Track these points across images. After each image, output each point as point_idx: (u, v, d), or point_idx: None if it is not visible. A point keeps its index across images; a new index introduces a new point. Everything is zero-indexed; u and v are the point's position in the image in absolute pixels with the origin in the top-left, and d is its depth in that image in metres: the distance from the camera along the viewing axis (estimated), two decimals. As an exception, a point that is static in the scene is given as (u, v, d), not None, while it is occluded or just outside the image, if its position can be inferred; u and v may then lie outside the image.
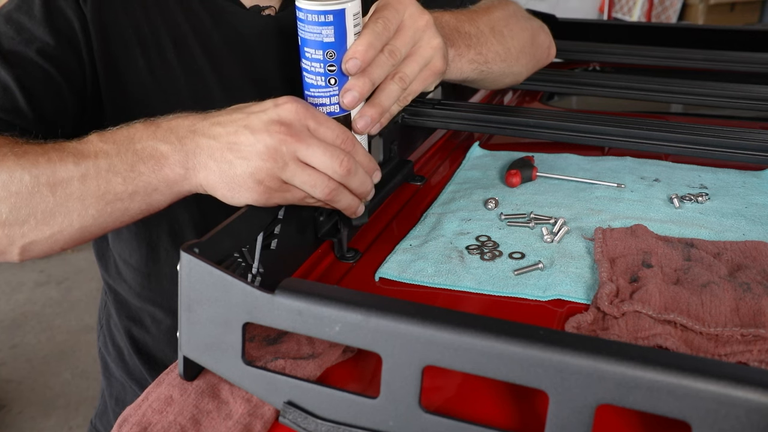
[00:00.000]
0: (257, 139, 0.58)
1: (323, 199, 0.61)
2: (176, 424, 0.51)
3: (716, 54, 1.29)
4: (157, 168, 0.61)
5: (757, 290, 0.62)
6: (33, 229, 0.62)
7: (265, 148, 0.58)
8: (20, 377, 2.44)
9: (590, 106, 1.43)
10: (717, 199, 0.84)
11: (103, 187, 0.61)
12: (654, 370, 0.39)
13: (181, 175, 0.61)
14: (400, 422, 0.46)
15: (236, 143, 0.59)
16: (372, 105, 0.64)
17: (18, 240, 0.62)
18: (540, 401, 0.52)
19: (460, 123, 0.98)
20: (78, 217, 0.62)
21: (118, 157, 0.61)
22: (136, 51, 0.79)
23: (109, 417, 1.01)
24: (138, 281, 0.90)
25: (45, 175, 0.61)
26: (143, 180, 0.61)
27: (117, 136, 0.63)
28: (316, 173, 0.60)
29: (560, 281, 0.67)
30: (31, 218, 0.61)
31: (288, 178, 0.59)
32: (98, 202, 0.61)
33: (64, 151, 0.62)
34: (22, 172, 0.61)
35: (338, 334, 0.47)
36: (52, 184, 0.61)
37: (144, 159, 0.61)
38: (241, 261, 0.61)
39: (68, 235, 0.63)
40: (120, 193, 0.61)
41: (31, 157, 0.61)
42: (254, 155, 0.58)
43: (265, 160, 0.58)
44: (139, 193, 0.62)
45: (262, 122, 0.59)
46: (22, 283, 3.05)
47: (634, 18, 4.40)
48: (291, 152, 0.58)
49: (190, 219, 0.86)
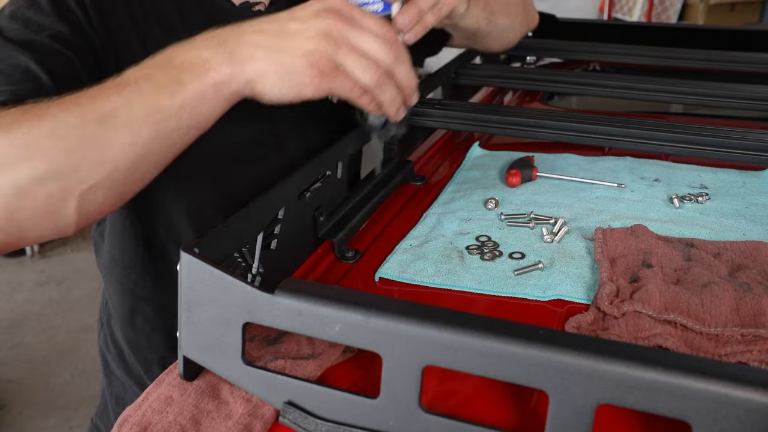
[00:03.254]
0: (309, 25, 0.59)
1: (371, 86, 0.62)
2: (176, 424, 0.51)
3: (716, 54, 1.29)
4: (201, 73, 0.60)
5: (757, 290, 0.62)
6: (90, 172, 0.59)
7: (317, 30, 0.59)
8: (20, 377, 2.44)
9: (590, 106, 1.43)
10: (717, 199, 0.84)
11: (149, 106, 0.59)
12: (654, 370, 0.39)
13: (227, 74, 0.60)
14: (400, 422, 0.46)
15: (286, 30, 0.60)
16: (411, 5, 0.68)
17: (75, 188, 0.59)
18: (540, 401, 0.52)
19: (460, 123, 0.98)
20: (131, 145, 0.59)
21: (161, 75, 0.60)
22: (134, 42, 0.79)
23: (109, 415, 1.01)
24: (132, 278, 0.90)
25: (90, 111, 0.59)
26: (189, 89, 0.59)
27: (154, 60, 0.62)
28: (366, 57, 0.60)
29: (560, 281, 0.67)
30: (85, 160, 0.58)
31: (341, 60, 0.60)
32: (147, 124, 0.59)
33: (103, 87, 0.60)
34: (67, 115, 0.58)
35: (338, 334, 0.47)
36: (98, 119, 0.58)
37: (187, 69, 0.60)
38: (241, 261, 0.61)
39: (124, 172, 0.60)
40: (167, 108, 0.59)
41: (72, 100, 0.59)
42: (307, 39, 0.59)
43: (318, 41, 0.59)
44: (187, 104, 0.60)
45: (310, 12, 0.60)
46: (22, 283, 3.05)
47: (634, 18, 4.40)
48: (342, 36, 0.60)
49: (185, 212, 0.86)
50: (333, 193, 0.79)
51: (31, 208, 0.58)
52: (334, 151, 0.77)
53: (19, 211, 0.58)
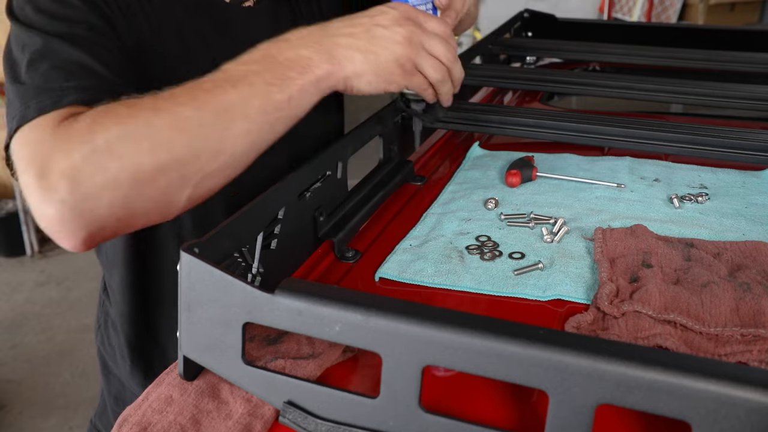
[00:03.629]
0: (394, 32, 0.71)
1: (439, 81, 0.74)
2: (176, 423, 0.51)
3: (716, 54, 1.29)
4: (305, 71, 0.67)
5: (757, 290, 0.62)
6: (208, 161, 0.64)
7: (402, 37, 0.71)
8: (20, 377, 2.44)
9: (590, 106, 1.43)
10: (717, 199, 0.84)
11: (262, 100, 0.65)
12: (654, 370, 0.39)
13: (328, 71, 0.68)
14: (400, 422, 0.46)
15: (376, 37, 0.70)
16: (451, 10, 0.82)
17: (193, 177, 0.63)
18: (540, 401, 0.52)
19: (460, 123, 0.98)
20: (245, 135, 0.65)
21: (268, 72, 0.66)
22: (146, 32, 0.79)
23: (108, 416, 1.01)
24: (134, 273, 0.90)
25: (208, 104, 0.63)
26: (296, 84, 0.66)
27: (253, 57, 0.68)
28: (435, 58, 0.73)
29: (560, 281, 0.67)
30: (205, 150, 0.63)
31: (420, 61, 0.72)
32: (261, 117, 0.65)
33: (213, 81, 0.65)
34: (185, 109, 0.63)
35: (338, 334, 0.47)
36: (216, 111, 0.63)
37: (292, 66, 0.67)
38: (241, 261, 0.61)
39: (238, 158, 0.66)
40: (278, 101, 0.66)
41: (185, 93, 0.64)
42: (395, 44, 0.70)
43: (404, 47, 0.71)
44: (294, 98, 0.67)
45: (390, 19, 0.71)
46: (22, 283, 3.05)
47: (634, 18, 4.40)
48: (419, 41, 0.72)
49: None
50: (333, 193, 0.79)
51: (149, 196, 0.62)
52: (334, 151, 0.77)
53: (138, 198, 0.61)
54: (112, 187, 0.60)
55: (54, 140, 0.61)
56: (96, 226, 0.61)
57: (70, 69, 0.68)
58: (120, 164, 0.60)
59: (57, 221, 0.60)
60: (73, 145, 0.60)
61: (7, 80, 0.69)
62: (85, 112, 0.63)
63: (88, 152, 0.59)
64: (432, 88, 0.75)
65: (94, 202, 0.60)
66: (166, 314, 0.92)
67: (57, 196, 0.59)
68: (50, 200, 0.59)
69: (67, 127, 0.61)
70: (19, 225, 3.24)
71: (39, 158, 0.60)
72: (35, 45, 0.69)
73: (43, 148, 0.61)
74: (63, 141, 0.60)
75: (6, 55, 0.72)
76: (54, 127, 0.62)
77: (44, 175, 0.59)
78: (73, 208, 0.59)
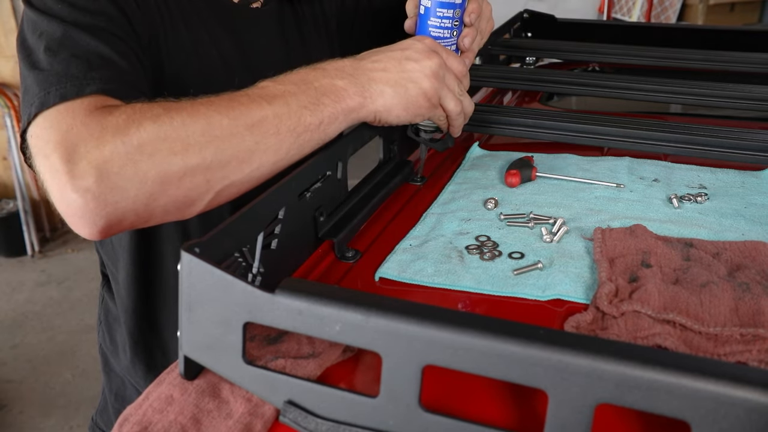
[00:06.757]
0: (423, 66, 0.74)
1: (457, 114, 0.79)
2: (177, 423, 0.51)
3: (716, 54, 1.29)
4: (338, 99, 0.70)
5: (756, 290, 0.62)
6: (234, 170, 0.66)
7: (431, 71, 0.75)
8: (20, 377, 2.45)
9: (590, 106, 1.43)
10: (716, 199, 0.84)
11: (295, 121, 0.68)
12: (653, 369, 0.40)
13: (359, 103, 0.72)
14: (400, 421, 0.46)
15: (407, 70, 0.74)
16: (471, 51, 0.85)
17: (217, 183, 0.65)
18: (540, 401, 0.53)
19: (459, 123, 0.98)
20: (274, 152, 0.67)
21: (303, 95, 0.69)
22: (161, 35, 0.80)
23: (109, 413, 1.01)
24: (138, 268, 0.90)
25: (243, 117, 0.65)
26: (327, 111, 0.70)
27: (291, 79, 0.70)
28: (454, 92, 0.78)
29: (559, 281, 0.68)
30: (234, 159, 0.65)
31: (443, 95, 0.77)
32: (291, 136, 0.68)
33: (250, 95, 0.67)
34: (221, 117, 0.64)
35: (338, 333, 0.47)
36: (250, 125, 0.65)
37: (326, 93, 0.70)
38: (241, 261, 0.61)
39: (263, 171, 0.68)
40: (309, 124, 0.69)
41: (222, 102, 0.66)
42: (424, 78, 0.74)
43: (432, 81, 0.75)
44: (324, 123, 0.70)
45: (419, 53, 0.75)
46: (22, 283, 3.05)
47: (634, 18, 4.39)
48: (443, 75, 0.76)
49: None
50: (333, 193, 0.79)
51: (173, 196, 0.63)
52: (334, 151, 0.78)
53: (161, 197, 0.63)
54: (140, 182, 0.61)
55: (86, 128, 0.61)
56: (115, 218, 0.62)
57: (90, 59, 0.68)
58: (150, 162, 0.61)
59: (79, 208, 0.60)
60: (107, 136, 0.60)
61: (24, 66, 0.69)
62: (119, 107, 0.64)
63: (120, 145, 0.60)
64: (447, 119, 0.80)
65: (120, 195, 0.61)
66: (169, 307, 0.92)
67: (83, 183, 0.59)
68: (76, 187, 0.59)
69: (100, 117, 0.62)
70: (20, 225, 3.24)
71: (68, 143, 0.60)
72: (54, 33, 0.69)
73: (72, 133, 0.61)
74: (96, 131, 0.61)
75: (20, 41, 0.72)
76: (85, 116, 0.62)
77: (73, 160, 0.60)
78: (98, 198, 0.60)
